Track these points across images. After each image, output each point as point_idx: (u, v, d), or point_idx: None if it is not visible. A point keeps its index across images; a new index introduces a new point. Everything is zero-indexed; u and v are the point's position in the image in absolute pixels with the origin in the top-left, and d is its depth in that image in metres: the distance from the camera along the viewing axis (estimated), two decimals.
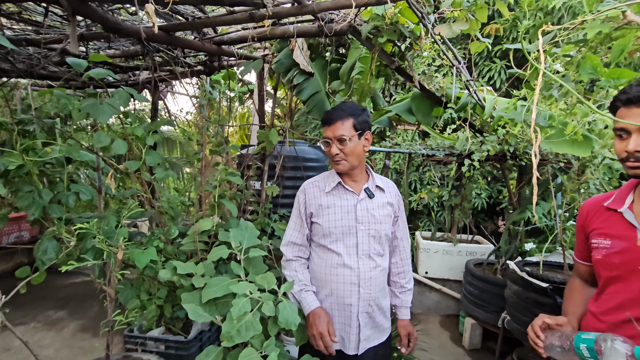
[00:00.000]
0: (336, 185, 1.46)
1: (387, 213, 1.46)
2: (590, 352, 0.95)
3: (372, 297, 1.43)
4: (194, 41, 2.04)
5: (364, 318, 1.42)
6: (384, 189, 1.50)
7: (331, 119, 1.38)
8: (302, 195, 1.50)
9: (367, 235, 1.41)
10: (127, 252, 1.86)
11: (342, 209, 1.42)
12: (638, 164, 0.96)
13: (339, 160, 1.39)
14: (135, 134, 1.77)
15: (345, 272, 1.40)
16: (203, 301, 1.43)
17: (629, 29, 1.13)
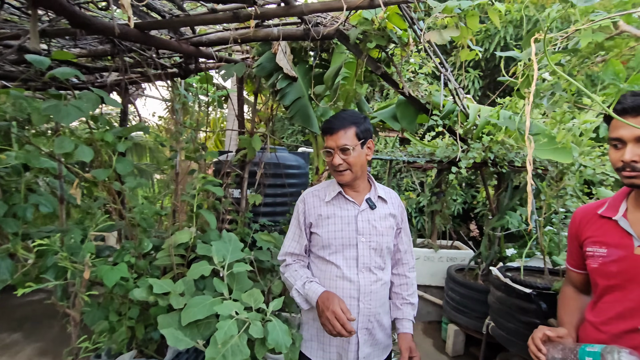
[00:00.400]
0: (336, 195, 1.40)
1: (389, 225, 1.40)
2: None
3: (373, 313, 1.35)
4: (170, 41, 1.91)
5: (364, 334, 1.35)
6: (387, 199, 1.44)
7: (333, 128, 1.32)
8: (302, 205, 1.43)
9: (368, 247, 1.35)
10: (95, 270, 1.68)
11: (343, 219, 1.36)
12: (634, 174, 0.95)
13: (342, 170, 1.34)
14: (105, 140, 1.62)
15: (345, 285, 1.33)
16: (183, 324, 1.30)
17: (621, 39, 1.14)
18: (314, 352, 1.39)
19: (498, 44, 4.88)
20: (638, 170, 0.94)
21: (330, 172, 1.39)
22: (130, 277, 1.86)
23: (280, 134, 8.29)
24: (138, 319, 1.94)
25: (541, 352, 1.10)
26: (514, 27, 4.79)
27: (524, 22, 4.61)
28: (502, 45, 4.85)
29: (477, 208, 5.50)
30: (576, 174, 2.16)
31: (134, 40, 1.68)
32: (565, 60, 1.37)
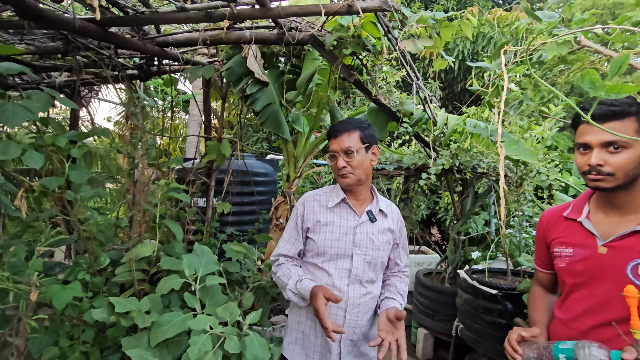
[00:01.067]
0: (340, 202, 1.37)
1: (386, 240, 1.38)
2: None
3: (359, 325, 1.33)
4: (133, 40, 1.78)
5: (347, 345, 1.32)
6: (387, 213, 1.42)
7: (337, 130, 1.32)
8: (301, 208, 1.40)
9: (363, 260, 1.33)
10: (43, 290, 1.49)
11: (341, 229, 1.34)
12: (600, 177, 1.01)
13: (345, 174, 1.31)
14: (57, 145, 1.46)
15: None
16: (152, 344, 1.18)
17: (582, 53, 1.23)
18: (296, 356, 1.35)
19: (457, 58, 5.18)
20: (603, 174, 1.00)
21: (335, 177, 1.38)
22: (85, 296, 1.68)
23: (245, 140, 8.12)
24: (93, 342, 1.75)
25: (517, 352, 1.13)
26: (471, 43, 5.12)
27: (479, 38, 4.94)
28: (461, 59, 5.15)
29: (439, 213, 5.72)
30: (533, 179, 2.31)
31: (93, 37, 1.55)
32: (529, 72, 1.46)
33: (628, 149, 0.96)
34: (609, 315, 1.02)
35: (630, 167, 0.97)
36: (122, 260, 1.90)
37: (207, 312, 1.35)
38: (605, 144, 0.98)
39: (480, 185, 3.58)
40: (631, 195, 1.02)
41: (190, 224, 2.79)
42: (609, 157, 0.98)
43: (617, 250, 1.03)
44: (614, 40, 1.10)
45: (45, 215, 1.71)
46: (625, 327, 0.88)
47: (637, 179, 1.00)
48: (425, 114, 2.21)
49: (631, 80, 1.06)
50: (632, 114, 0.96)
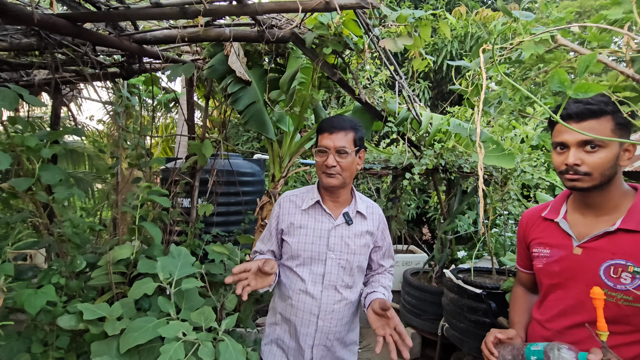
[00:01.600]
0: (314, 204, 1.33)
1: (364, 243, 1.34)
2: None
3: (333, 331, 1.30)
4: (108, 37, 1.73)
5: (320, 351, 1.30)
6: (366, 215, 1.37)
7: (334, 127, 1.26)
8: (277, 208, 1.37)
9: (337, 265, 1.29)
10: (11, 295, 1.45)
11: (315, 232, 1.30)
12: (576, 177, 1.00)
13: (333, 173, 1.25)
14: (27, 145, 1.40)
15: (307, 300, 1.28)
16: (122, 350, 1.15)
17: (559, 52, 1.23)
18: (271, 358, 1.33)
19: (445, 57, 5.19)
20: (580, 174, 0.99)
21: (318, 174, 1.31)
22: (59, 301, 1.63)
23: (235, 140, 8.05)
24: (69, 347, 1.70)
25: (493, 355, 1.12)
26: (459, 42, 5.13)
27: (467, 38, 4.95)
28: (449, 59, 5.16)
29: (429, 212, 5.74)
30: (517, 178, 2.31)
31: (65, 33, 1.50)
32: (510, 70, 1.45)
33: (605, 148, 0.95)
34: (582, 316, 1.01)
35: (607, 166, 0.96)
36: (99, 262, 1.85)
37: (182, 316, 1.31)
38: (581, 143, 0.97)
39: (467, 185, 3.59)
40: (606, 195, 1.02)
41: (174, 225, 2.74)
42: (586, 156, 0.97)
43: (591, 251, 1.02)
44: (590, 39, 1.09)
45: (17, 217, 1.66)
46: (596, 328, 0.88)
47: (612, 178, 0.99)
48: (410, 113, 2.19)
49: (606, 79, 1.06)
50: (608, 112, 0.95)
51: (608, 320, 0.87)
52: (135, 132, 2.31)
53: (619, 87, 1.02)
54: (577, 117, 0.98)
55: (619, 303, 0.96)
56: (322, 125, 1.30)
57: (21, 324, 1.69)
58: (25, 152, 1.44)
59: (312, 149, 1.35)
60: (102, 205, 2.94)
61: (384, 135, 3.29)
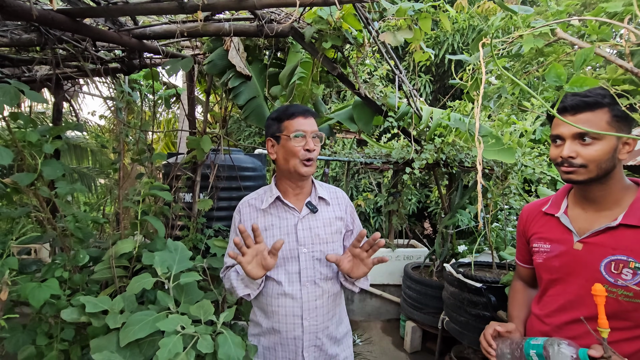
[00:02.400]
0: (274, 201, 1.27)
1: (335, 230, 1.29)
2: (539, 358, 0.96)
3: (320, 329, 1.25)
4: (108, 32, 1.73)
5: (312, 352, 1.25)
6: (329, 200, 1.32)
7: (307, 110, 1.22)
8: (237, 216, 1.32)
9: (312, 258, 1.24)
10: (16, 288, 1.47)
11: (282, 230, 1.24)
12: (572, 169, 1.00)
13: (311, 159, 1.20)
14: (28, 140, 1.42)
15: (287, 303, 1.23)
16: (122, 344, 1.16)
17: (558, 45, 1.21)
18: None
19: (447, 51, 5.14)
20: (575, 166, 0.98)
21: (293, 163, 1.20)
22: (63, 294, 1.66)
23: (237, 135, 8.06)
24: (74, 339, 1.74)
25: (491, 347, 1.13)
26: (461, 36, 5.08)
27: (469, 31, 4.90)
28: (450, 52, 5.11)
29: (431, 207, 5.74)
30: (518, 173, 2.30)
31: (64, 28, 1.50)
32: (509, 65, 1.44)
33: (600, 141, 0.95)
34: (582, 311, 1.01)
35: (603, 159, 0.95)
36: (103, 257, 1.88)
37: (181, 310, 1.33)
38: (576, 135, 0.97)
39: (469, 179, 3.58)
40: (607, 189, 1.01)
41: (177, 220, 2.76)
42: (581, 149, 0.97)
43: (591, 247, 1.01)
44: (589, 32, 1.08)
45: (20, 212, 1.68)
46: (596, 324, 0.88)
47: (611, 172, 0.98)
48: (410, 108, 2.18)
49: (606, 72, 1.05)
50: (604, 105, 0.94)
51: (608, 316, 0.86)
52: (136, 127, 2.32)
53: (618, 81, 1.01)
54: (573, 110, 0.97)
55: (620, 299, 0.95)
56: (292, 110, 1.22)
57: (26, 317, 1.72)
58: (27, 147, 1.46)
59: (276, 136, 1.23)
60: (105, 200, 2.96)
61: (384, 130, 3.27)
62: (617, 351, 0.86)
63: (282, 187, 1.29)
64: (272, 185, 1.30)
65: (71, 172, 4.95)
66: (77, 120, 3.38)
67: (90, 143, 6.12)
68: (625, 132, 0.97)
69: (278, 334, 1.25)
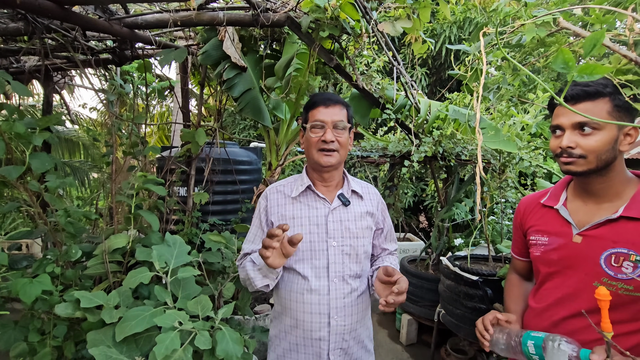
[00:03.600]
0: (305, 190, 1.21)
1: (366, 225, 1.23)
2: (536, 350, 0.95)
3: (348, 330, 1.18)
4: (98, 21, 1.68)
5: (338, 356, 1.18)
6: (362, 195, 1.26)
7: (330, 99, 1.16)
8: (264, 202, 1.25)
9: (341, 252, 1.17)
10: (6, 284, 1.44)
11: (311, 220, 1.18)
12: (570, 160, 0.98)
13: (332, 149, 1.14)
14: (16, 132, 1.37)
15: (313, 300, 1.15)
16: (118, 339, 1.14)
17: (560, 35, 1.20)
18: None
19: (443, 43, 5.11)
20: (574, 157, 0.96)
21: (311, 153, 1.17)
22: (55, 290, 1.63)
23: (232, 128, 7.98)
24: (67, 335, 1.71)
25: (488, 332, 1.11)
26: (458, 28, 5.04)
27: (466, 23, 4.87)
28: (448, 44, 5.08)
29: (426, 200, 5.75)
30: (515, 166, 2.30)
31: (52, 16, 1.45)
32: (510, 55, 1.42)
33: (600, 131, 0.93)
34: (579, 305, 1.00)
35: (603, 150, 0.93)
36: (95, 252, 1.84)
37: (179, 305, 1.31)
38: (576, 125, 0.95)
39: (465, 172, 3.58)
40: (607, 182, 0.99)
41: (171, 214, 2.73)
42: (581, 139, 0.95)
43: (591, 240, 1.00)
44: (592, 21, 1.06)
45: (9, 207, 1.64)
46: (595, 317, 0.86)
47: (611, 164, 0.97)
48: (408, 101, 2.16)
49: (609, 62, 1.03)
50: (605, 94, 0.92)
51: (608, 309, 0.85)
52: (129, 119, 2.27)
53: (621, 71, 1.00)
54: (573, 99, 0.95)
55: (619, 292, 0.94)
56: (314, 99, 1.19)
57: (17, 313, 1.69)
58: (15, 139, 1.41)
59: (303, 125, 1.21)
60: (97, 194, 2.92)
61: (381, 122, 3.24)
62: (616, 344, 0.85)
63: (311, 178, 1.25)
64: (303, 174, 1.26)
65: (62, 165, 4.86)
66: (69, 113, 3.30)
67: (82, 136, 6.02)
68: (627, 122, 0.95)
69: (301, 334, 1.18)
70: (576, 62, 0.73)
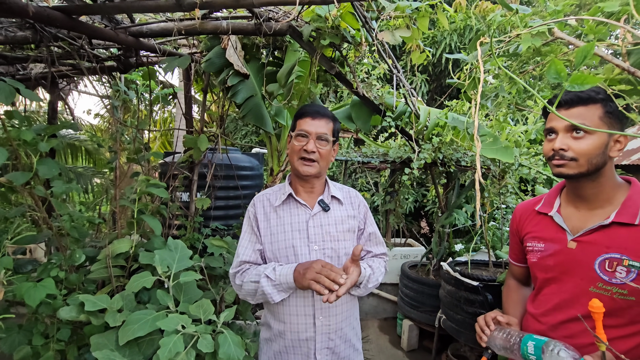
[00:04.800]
0: (287, 198, 1.28)
1: (347, 228, 1.28)
2: (535, 350, 0.96)
3: (333, 329, 1.23)
4: (105, 30, 1.72)
5: (325, 355, 1.22)
6: (342, 200, 1.33)
7: (318, 112, 1.23)
8: (252, 209, 1.31)
9: (323, 255, 1.23)
10: (11, 288, 1.46)
11: (293, 226, 1.24)
12: (562, 162, 1.00)
13: (312, 160, 1.21)
14: (23, 139, 1.40)
15: (298, 302, 1.21)
16: (121, 343, 1.16)
17: (556, 45, 1.22)
18: None
19: (444, 50, 5.16)
20: (566, 159, 0.99)
21: (293, 161, 1.25)
22: (59, 294, 1.65)
23: (234, 134, 8.04)
24: (70, 339, 1.72)
25: (489, 328, 1.12)
26: (458, 36, 5.10)
27: (466, 31, 4.92)
28: (448, 52, 5.13)
29: (427, 206, 5.76)
30: (515, 172, 2.32)
31: (60, 26, 1.49)
32: (507, 64, 1.45)
33: (592, 135, 0.96)
34: (577, 310, 1.01)
35: (594, 153, 0.96)
36: (99, 256, 1.87)
37: (181, 309, 1.32)
38: (569, 127, 0.98)
39: (465, 178, 3.60)
40: (598, 187, 1.02)
41: (174, 219, 2.75)
42: (573, 142, 0.98)
43: (585, 245, 1.02)
44: (586, 32, 1.09)
45: (15, 211, 1.66)
46: (591, 321, 0.88)
47: (602, 168, 0.99)
48: (408, 107, 2.19)
49: (602, 72, 1.06)
50: (597, 100, 0.96)
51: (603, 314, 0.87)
52: (133, 125, 2.31)
53: (614, 80, 1.02)
54: (566, 104, 0.99)
55: (614, 297, 0.96)
56: (303, 109, 1.26)
57: (21, 317, 1.71)
58: (22, 146, 1.44)
59: (289, 133, 1.28)
60: (101, 199, 2.95)
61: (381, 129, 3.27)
62: None
63: (294, 186, 1.31)
64: (286, 183, 1.32)
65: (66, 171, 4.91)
66: (73, 119, 3.35)
67: (85, 142, 6.07)
68: (617, 129, 0.97)
69: (289, 336, 1.22)
70: (572, 71, 0.76)
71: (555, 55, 1.17)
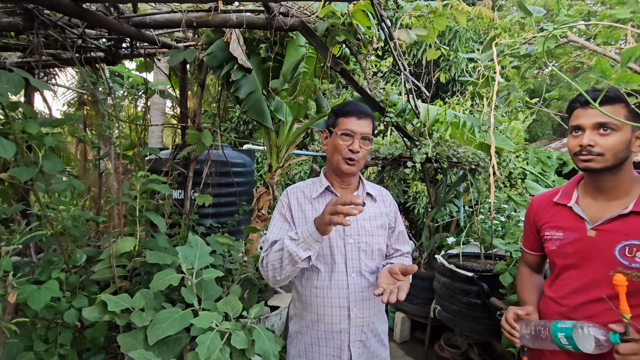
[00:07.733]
0: (324, 191, 1.28)
1: (380, 224, 1.31)
2: (569, 340, 1.04)
3: (366, 322, 1.25)
4: (108, 19, 1.64)
5: (357, 348, 1.24)
6: (376, 197, 1.36)
7: (363, 112, 1.22)
8: (286, 199, 1.30)
9: (357, 249, 1.25)
10: (20, 290, 1.37)
11: None
12: (590, 157, 1.08)
13: (356, 160, 1.22)
14: (29, 132, 1.32)
15: (333, 294, 1.22)
16: (151, 342, 1.12)
17: (568, 47, 1.32)
18: None
19: (424, 51, 5.32)
20: (593, 154, 1.07)
21: (335, 159, 1.24)
22: (62, 296, 1.56)
23: None
24: (71, 344, 1.64)
25: (515, 329, 1.20)
26: (437, 37, 5.28)
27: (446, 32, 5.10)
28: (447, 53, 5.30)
29: (408, 202, 5.92)
30: (506, 168, 2.45)
31: (66, 12, 1.40)
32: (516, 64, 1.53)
33: (617, 132, 1.04)
34: (598, 292, 1.10)
35: (619, 148, 1.04)
36: (101, 256, 1.78)
37: (204, 307, 1.30)
38: (596, 125, 1.06)
39: (451, 175, 3.74)
40: (617, 180, 1.10)
41: (167, 217, 2.67)
42: (599, 138, 1.06)
43: (605, 233, 1.10)
44: (600, 36, 1.18)
45: (13, 209, 1.55)
46: (613, 302, 0.96)
47: (623, 163, 1.08)
48: (409, 104, 2.26)
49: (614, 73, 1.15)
50: (622, 100, 1.04)
51: None
52: (126, 120, 2.21)
53: None
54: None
55: (633, 279, 1.05)
56: (348, 108, 1.24)
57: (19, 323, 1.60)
58: (27, 140, 1.35)
59: (330, 129, 1.27)
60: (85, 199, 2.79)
61: None
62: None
63: (329, 180, 1.32)
64: (321, 176, 1.33)
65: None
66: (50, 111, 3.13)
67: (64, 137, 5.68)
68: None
69: (322, 327, 1.23)
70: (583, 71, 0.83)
71: (568, 57, 1.25)
